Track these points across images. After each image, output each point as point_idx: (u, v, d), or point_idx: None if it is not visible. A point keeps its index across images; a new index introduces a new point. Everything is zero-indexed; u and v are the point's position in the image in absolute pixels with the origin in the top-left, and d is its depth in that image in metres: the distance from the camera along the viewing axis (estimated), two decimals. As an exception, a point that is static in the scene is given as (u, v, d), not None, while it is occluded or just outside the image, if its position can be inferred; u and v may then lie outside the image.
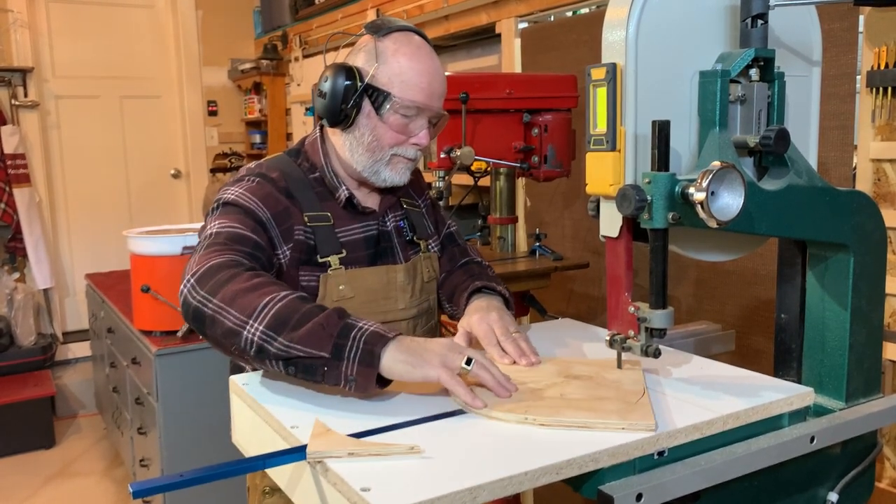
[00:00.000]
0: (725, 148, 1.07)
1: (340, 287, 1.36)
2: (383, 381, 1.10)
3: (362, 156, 1.38)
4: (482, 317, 1.33)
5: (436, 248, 1.57)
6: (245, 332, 1.10)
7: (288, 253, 1.34)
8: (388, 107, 1.34)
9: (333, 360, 1.07)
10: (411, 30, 1.39)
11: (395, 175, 1.41)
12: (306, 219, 1.37)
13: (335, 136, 1.43)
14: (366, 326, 1.10)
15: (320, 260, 1.36)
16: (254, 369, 1.27)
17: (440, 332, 1.61)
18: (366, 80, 1.34)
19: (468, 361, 1.08)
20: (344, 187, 1.42)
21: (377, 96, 1.34)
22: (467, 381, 1.09)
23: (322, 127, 1.46)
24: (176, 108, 5.24)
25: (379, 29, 1.37)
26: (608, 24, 1.07)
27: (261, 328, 1.09)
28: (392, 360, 1.07)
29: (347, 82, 1.34)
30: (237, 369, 1.48)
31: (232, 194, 1.35)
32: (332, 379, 1.08)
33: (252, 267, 1.22)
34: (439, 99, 1.40)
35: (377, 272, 1.41)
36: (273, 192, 1.36)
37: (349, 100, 1.34)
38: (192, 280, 1.18)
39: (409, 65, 1.34)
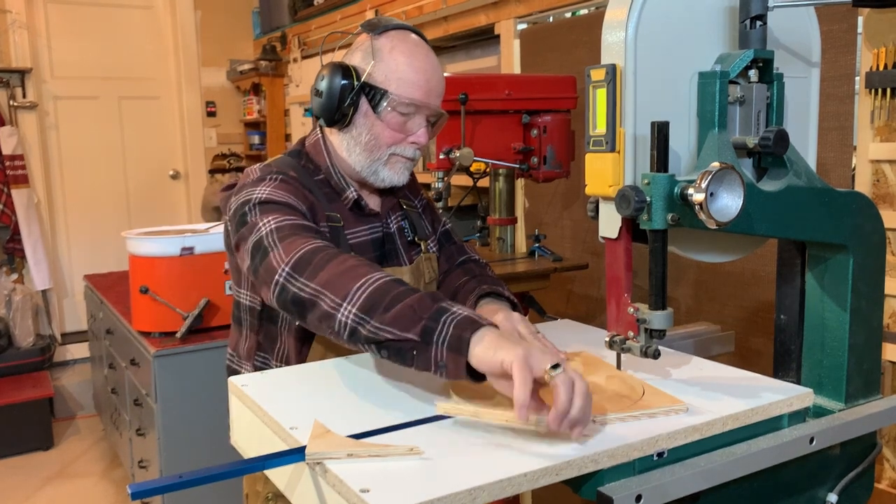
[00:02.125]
0: (724, 149, 1.07)
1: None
2: (477, 374, 0.99)
3: (360, 155, 1.37)
4: (507, 316, 1.29)
5: (434, 248, 1.56)
6: (339, 315, 1.07)
7: None
8: (385, 105, 1.33)
9: (422, 344, 1.00)
10: (408, 28, 1.38)
11: (395, 175, 1.39)
12: (325, 218, 1.36)
13: (333, 136, 1.41)
14: (459, 311, 1.02)
15: None
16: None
17: None
18: (362, 79, 1.33)
19: (555, 366, 0.92)
20: (352, 189, 1.41)
21: (374, 94, 1.33)
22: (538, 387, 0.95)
23: (322, 127, 1.44)
24: (174, 109, 5.24)
25: (375, 27, 1.36)
26: (607, 25, 1.07)
27: (353, 310, 1.06)
28: (479, 344, 0.97)
29: (344, 81, 1.33)
30: (233, 373, 1.47)
31: (263, 193, 1.30)
32: (422, 363, 1.01)
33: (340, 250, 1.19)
34: (437, 97, 1.38)
35: None
36: (299, 188, 1.34)
37: (346, 99, 1.33)
38: (287, 268, 1.14)
39: (405, 62, 1.33)
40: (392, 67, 1.33)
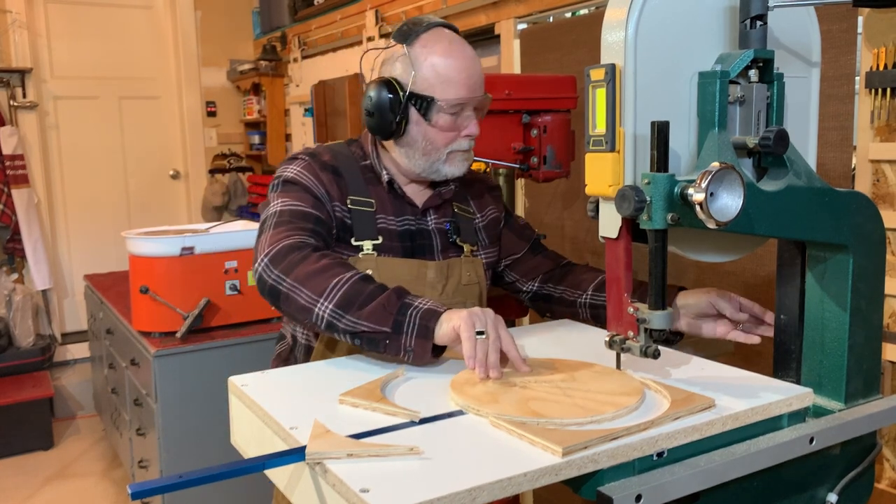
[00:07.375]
0: (724, 149, 1.07)
1: (367, 272, 1.36)
2: (438, 352, 1.23)
3: (420, 160, 1.45)
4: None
5: (482, 256, 1.58)
6: (316, 310, 1.24)
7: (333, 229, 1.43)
8: (434, 111, 1.39)
9: (394, 334, 1.21)
10: (437, 24, 1.43)
11: (454, 168, 1.47)
12: (349, 201, 1.44)
13: (392, 149, 1.48)
14: (421, 305, 1.22)
15: (355, 243, 1.42)
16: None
17: None
18: (407, 90, 1.38)
19: (479, 332, 1.17)
20: (384, 171, 1.48)
21: (421, 103, 1.39)
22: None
23: None
24: (175, 109, 5.24)
25: (407, 36, 1.41)
26: (607, 24, 1.07)
27: (330, 306, 1.23)
28: (440, 328, 1.20)
29: (390, 95, 1.39)
30: (281, 338, 1.60)
31: (291, 172, 1.45)
32: (392, 350, 1.22)
33: (318, 246, 1.35)
34: (480, 86, 1.44)
35: (408, 264, 1.45)
36: (321, 170, 1.44)
37: (396, 112, 1.39)
38: (265, 260, 1.31)
39: (444, 64, 1.38)
40: (433, 73, 1.38)
